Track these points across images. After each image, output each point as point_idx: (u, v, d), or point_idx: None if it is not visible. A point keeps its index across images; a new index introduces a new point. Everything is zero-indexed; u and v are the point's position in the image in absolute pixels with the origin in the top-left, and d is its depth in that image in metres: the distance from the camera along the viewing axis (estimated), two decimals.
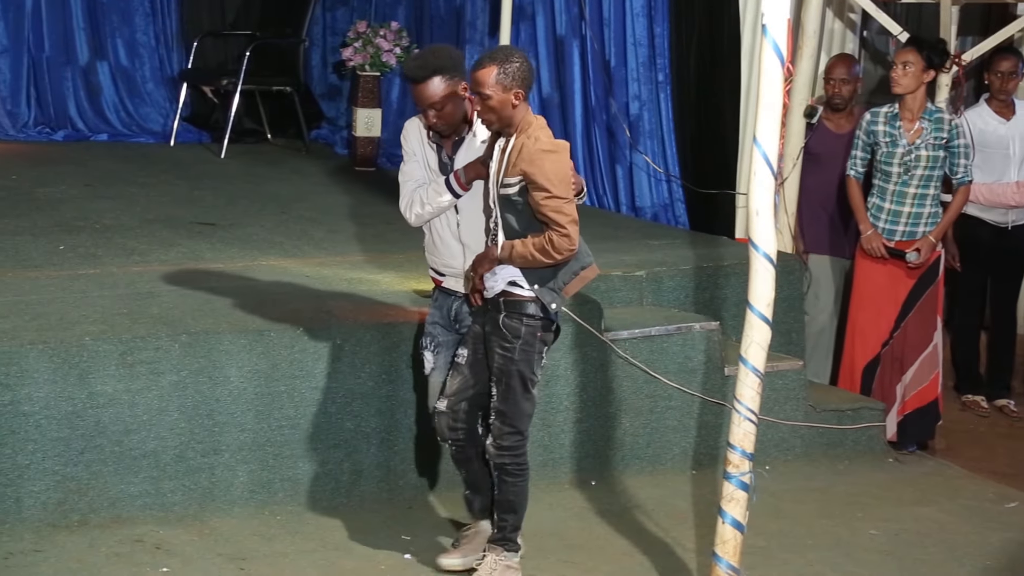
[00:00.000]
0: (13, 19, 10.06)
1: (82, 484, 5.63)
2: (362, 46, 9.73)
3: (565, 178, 4.98)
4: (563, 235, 4.95)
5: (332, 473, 6.09)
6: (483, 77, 4.94)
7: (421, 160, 5.37)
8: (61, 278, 6.54)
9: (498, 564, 5.28)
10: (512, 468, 5.23)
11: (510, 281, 5.08)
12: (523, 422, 5.21)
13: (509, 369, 5.13)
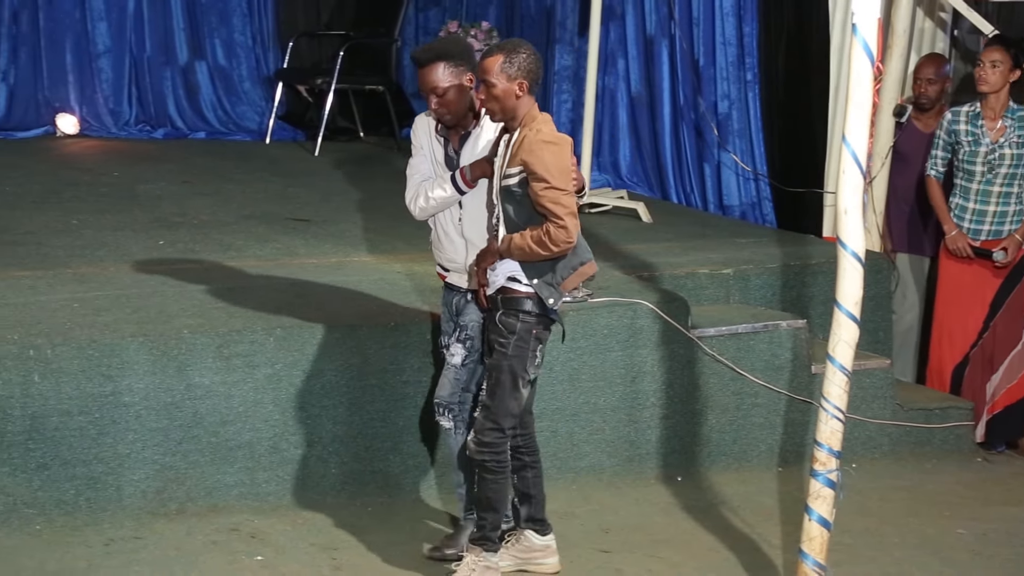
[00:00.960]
0: (116, 21, 10.19)
1: (180, 473, 5.70)
2: None
3: (565, 170, 4.88)
4: (560, 227, 4.83)
5: (421, 466, 6.12)
6: (489, 65, 4.88)
7: (428, 154, 5.30)
8: (160, 272, 6.61)
9: (477, 565, 5.14)
10: (492, 465, 5.08)
11: (509, 276, 4.99)
12: (507, 420, 5.05)
13: (501, 364, 5.02)
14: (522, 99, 4.91)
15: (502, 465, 5.10)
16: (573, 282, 5.07)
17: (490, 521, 5.16)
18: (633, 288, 6.76)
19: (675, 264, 7.26)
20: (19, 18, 9.91)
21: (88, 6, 10.08)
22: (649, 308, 6.48)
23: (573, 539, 5.76)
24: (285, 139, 10.44)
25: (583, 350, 6.36)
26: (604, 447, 6.45)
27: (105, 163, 9.31)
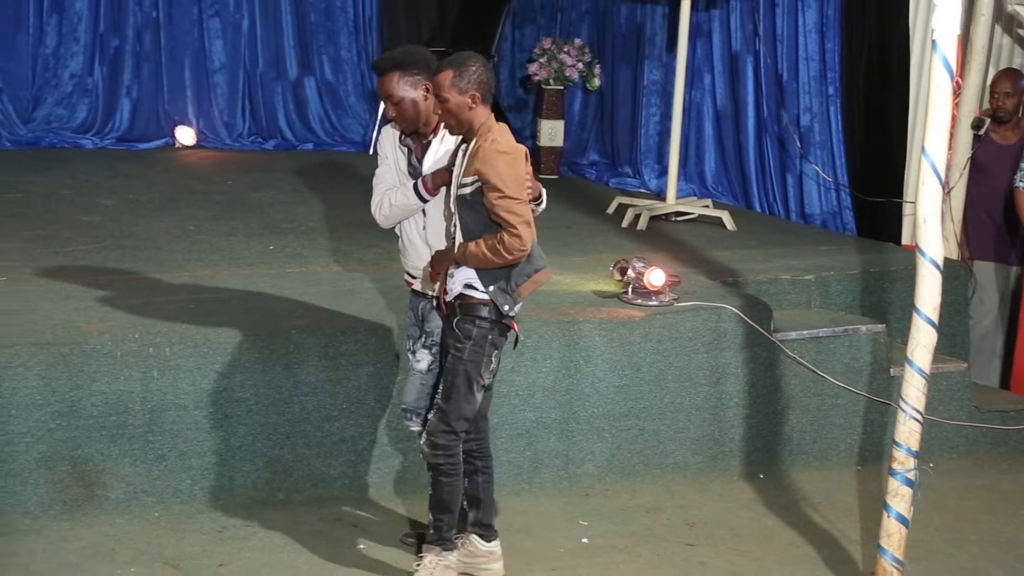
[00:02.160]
0: (231, 39, 10.31)
1: (287, 466, 5.74)
2: (547, 61, 9.75)
3: (518, 180, 4.76)
4: (514, 235, 4.71)
5: (514, 461, 6.11)
6: (440, 80, 4.79)
7: (393, 164, 5.21)
8: (271, 276, 6.67)
9: (438, 565, 5.05)
10: (446, 468, 4.94)
11: (466, 283, 4.86)
12: (459, 423, 4.91)
13: (456, 368, 4.88)
14: (475, 110, 4.78)
15: (455, 467, 4.97)
16: (527, 289, 4.89)
17: (446, 522, 5.04)
18: (717, 293, 6.71)
19: (758, 270, 7.20)
20: (142, 37, 10.06)
21: (206, 26, 10.21)
22: (733, 312, 6.43)
23: (659, 533, 5.73)
24: None
25: (669, 352, 6.32)
26: (689, 445, 6.40)
27: (220, 172, 9.41)
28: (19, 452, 5.34)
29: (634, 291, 6.51)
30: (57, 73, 9.82)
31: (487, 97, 4.82)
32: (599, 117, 10.16)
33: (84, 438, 5.41)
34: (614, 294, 6.59)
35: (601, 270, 6.89)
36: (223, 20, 10.25)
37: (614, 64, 9.92)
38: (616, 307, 6.43)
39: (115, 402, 5.46)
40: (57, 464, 5.40)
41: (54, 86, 9.80)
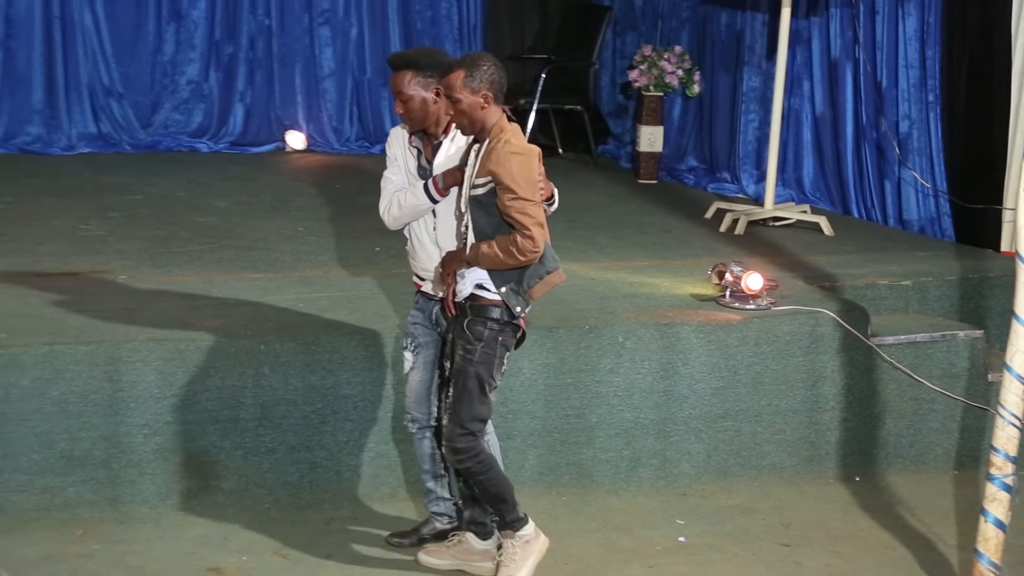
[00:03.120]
0: (340, 46, 10.42)
1: (392, 461, 5.79)
2: (647, 68, 9.73)
3: (531, 181, 4.68)
4: (527, 236, 4.63)
5: (612, 460, 6.11)
6: (452, 80, 4.72)
7: (402, 165, 5.14)
8: (377, 276, 6.73)
9: (515, 546, 4.97)
10: (475, 467, 4.83)
11: (477, 284, 4.76)
12: (475, 424, 4.80)
13: (467, 370, 4.77)
14: (488, 110, 4.71)
15: (484, 464, 4.85)
16: (540, 291, 4.80)
17: (505, 510, 4.94)
18: (815, 297, 6.66)
19: (855, 275, 7.13)
20: (255, 45, 10.20)
21: (316, 33, 10.33)
22: (830, 316, 6.38)
23: (755, 533, 5.70)
24: None
25: (766, 355, 6.29)
26: (785, 447, 6.36)
27: (328, 176, 9.51)
28: (137, 443, 5.45)
29: (732, 295, 6.48)
30: (174, 79, 10.00)
31: (499, 97, 4.75)
32: (698, 123, 10.11)
33: (199, 431, 5.51)
34: (712, 297, 6.57)
35: (699, 273, 6.87)
36: (333, 28, 10.36)
37: (713, 71, 9.87)
38: (714, 310, 6.41)
39: (228, 397, 5.56)
40: (173, 455, 5.50)
41: (171, 92, 9.97)
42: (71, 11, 9.61)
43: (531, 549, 4.98)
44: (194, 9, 10.01)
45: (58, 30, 9.60)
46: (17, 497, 5.30)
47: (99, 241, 7.17)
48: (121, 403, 5.42)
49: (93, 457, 5.40)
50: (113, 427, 5.42)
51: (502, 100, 4.77)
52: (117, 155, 9.45)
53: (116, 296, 6.11)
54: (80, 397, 5.37)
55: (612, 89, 10.86)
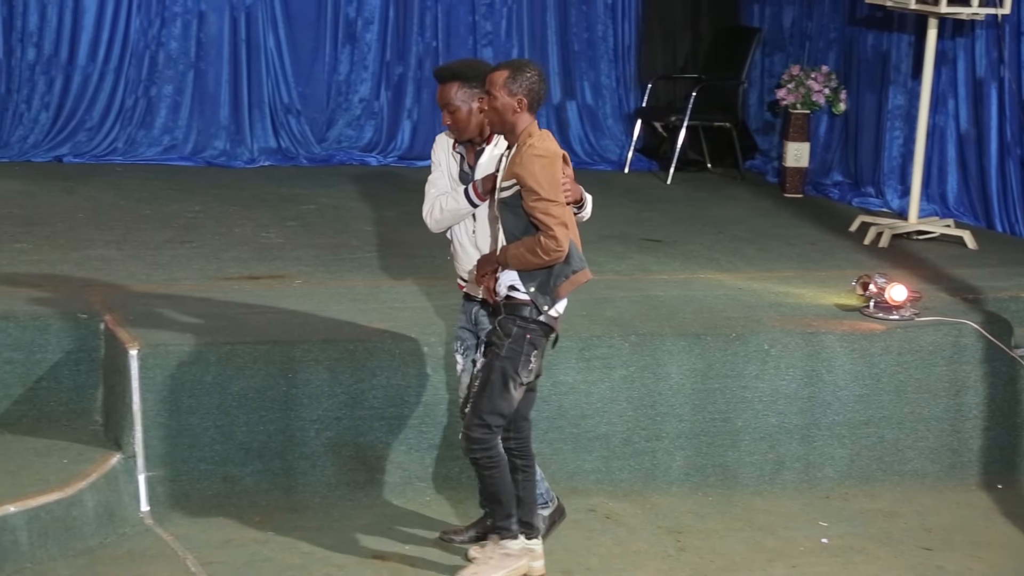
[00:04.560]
0: None
1: (545, 458, 5.76)
2: (795, 87, 9.59)
3: (554, 182, 4.57)
4: (551, 236, 4.53)
5: (757, 462, 6.03)
6: (495, 78, 4.63)
7: (445, 170, 5.02)
8: None
9: (495, 552, 4.85)
10: (484, 461, 4.73)
11: (509, 285, 4.68)
12: (494, 418, 4.69)
13: (493, 364, 4.69)
14: (520, 115, 4.63)
15: (494, 460, 4.74)
16: (566, 290, 4.70)
17: (498, 512, 4.83)
18: (958, 309, 6.48)
19: (999, 288, 6.91)
20: (423, 65, 10.29)
21: (479, 54, 10.37)
22: (973, 328, 6.20)
23: (897, 536, 5.57)
24: (641, 169, 10.48)
25: (909, 364, 6.13)
26: (927, 454, 6.19)
27: None
28: (310, 437, 5.53)
29: (876, 305, 6.35)
30: (348, 98, 10.14)
31: (534, 105, 4.66)
32: (843, 139, 9.92)
33: (366, 427, 5.57)
34: (856, 308, 6.44)
35: (843, 285, 6.73)
36: (495, 49, 10.41)
37: (859, 89, 9.68)
38: (858, 320, 6.28)
39: (393, 395, 5.60)
40: (342, 449, 5.57)
41: (345, 109, 10.12)
42: (256, 35, 9.82)
43: (509, 563, 4.85)
44: (367, 32, 10.14)
45: (244, 52, 9.81)
46: (201, 485, 5.41)
47: (277, 248, 7.30)
48: (295, 399, 5.51)
49: (269, 449, 5.49)
50: (287, 421, 5.51)
51: (536, 110, 4.69)
52: (294, 168, 9.61)
53: (292, 299, 6.22)
54: (258, 393, 5.47)
55: (760, 107, 10.72)
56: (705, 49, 10.82)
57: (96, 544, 4.99)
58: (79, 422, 5.56)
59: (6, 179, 8.56)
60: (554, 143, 4.69)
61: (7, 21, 9.26)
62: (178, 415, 5.37)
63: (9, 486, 4.91)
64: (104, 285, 6.23)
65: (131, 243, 7.16)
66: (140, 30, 9.58)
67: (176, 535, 5.12)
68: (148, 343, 5.39)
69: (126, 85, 9.57)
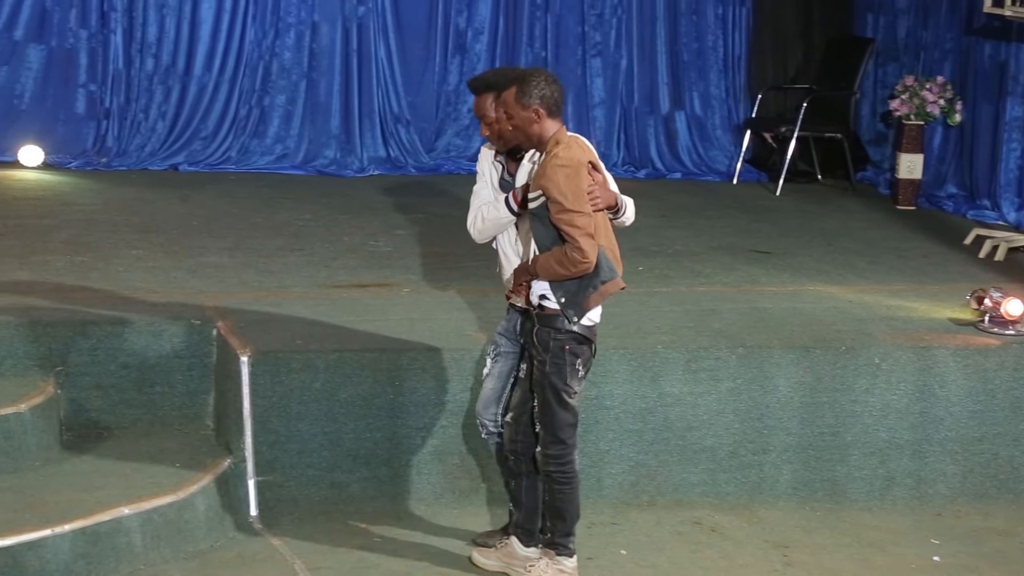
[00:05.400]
0: (610, 77, 10.45)
1: (651, 470, 5.75)
2: (908, 98, 9.44)
3: (578, 192, 4.48)
4: (576, 248, 4.48)
5: (867, 478, 5.93)
6: (506, 98, 4.59)
7: (488, 180, 4.97)
8: (639, 295, 6.70)
9: (550, 567, 4.80)
10: (557, 476, 4.72)
11: (541, 295, 4.64)
12: (564, 431, 4.68)
13: (542, 381, 4.67)
14: (541, 123, 4.58)
15: (567, 475, 4.73)
16: (595, 301, 4.64)
17: (559, 528, 4.81)
18: None
19: None
20: None
21: (588, 65, 10.40)
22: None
23: (1012, 556, 5.46)
24: (750, 180, 10.39)
25: None
26: None
27: None
28: (416, 445, 5.57)
29: (991, 320, 6.22)
30: (457, 107, 10.20)
31: (554, 110, 4.60)
32: (958, 151, 9.74)
33: (470, 435, 5.58)
34: (970, 322, 6.31)
35: (957, 298, 6.61)
36: (604, 59, 10.41)
37: (975, 100, 9.49)
38: (972, 335, 6.15)
39: None
40: (448, 457, 5.60)
41: (454, 119, 10.18)
42: (367, 45, 9.93)
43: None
44: (477, 43, 10.21)
45: (355, 62, 9.93)
46: (309, 490, 5.47)
47: (385, 256, 7.37)
48: (401, 407, 5.54)
49: (376, 456, 5.53)
50: (394, 429, 5.55)
51: (558, 113, 4.64)
52: (403, 177, 9.70)
53: (399, 308, 6.26)
54: (365, 400, 5.51)
55: (872, 118, 10.57)
56: (817, 59, 10.71)
57: (207, 547, 5.07)
58: (191, 426, 5.66)
59: (124, 187, 8.76)
60: (580, 150, 4.63)
61: (127, 32, 9.49)
62: (287, 421, 5.44)
63: (124, 488, 5.01)
64: (217, 291, 6.34)
65: (243, 250, 7.28)
66: (254, 41, 9.74)
67: (284, 540, 5.18)
68: (259, 349, 5.46)
69: (240, 95, 9.75)
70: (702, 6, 10.53)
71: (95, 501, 4.87)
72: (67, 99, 9.47)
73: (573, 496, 4.79)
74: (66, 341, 5.57)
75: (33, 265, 6.61)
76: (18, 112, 9.37)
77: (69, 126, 9.46)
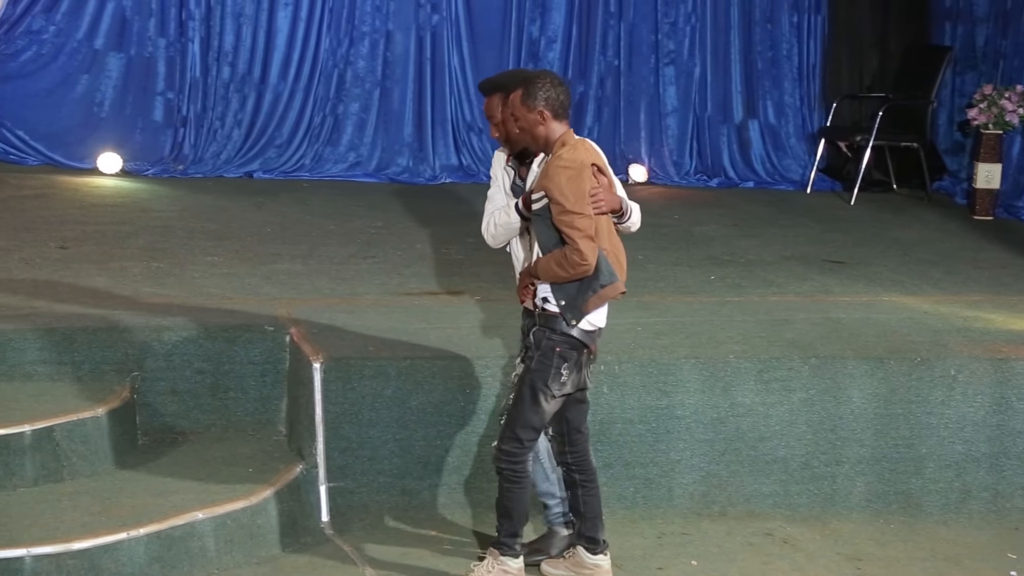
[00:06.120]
0: (683, 86, 10.43)
1: (722, 481, 5.71)
2: (987, 107, 9.32)
3: (580, 194, 4.45)
4: (575, 250, 4.44)
5: (942, 491, 5.85)
6: (512, 100, 4.57)
7: (501, 184, 4.90)
8: (711, 304, 6.67)
9: (494, 567, 4.73)
10: (508, 474, 4.67)
11: (543, 297, 4.60)
12: (526, 432, 4.62)
13: (524, 377, 4.64)
14: (547, 125, 4.56)
15: (517, 475, 4.68)
16: (594, 304, 4.58)
17: (505, 528, 4.76)
18: None
19: None
20: (604, 83, 10.33)
21: (661, 73, 10.38)
22: None
23: None
24: (824, 189, 10.32)
25: None
26: None
27: (667, 207, 9.51)
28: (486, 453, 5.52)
29: None
30: None
31: (559, 113, 4.58)
32: None
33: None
34: None
35: None
36: (677, 68, 10.38)
37: None
38: None
39: None
40: None
41: None
42: (441, 54, 9.98)
43: None
44: (550, 51, 10.22)
45: (428, 71, 9.99)
46: (380, 497, 5.49)
47: (456, 264, 7.39)
48: (472, 415, 5.55)
49: (447, 463, 5.54)
50: (465, 436, 5.55)
51: (565, 116, 4.62)
52: (475, 185, 9.72)
53: (470, 315, 6.27)
54: (436, 408, 5.53)
55: (949, 127, 10.45)
56: (893, 68, 10.62)
57: (278, 552, 5.10)
58: (264, 432, 5.71)
59: (199, 194, 8.87)
60: (585, 152, 4.61)
61: (204, 41, 9.61)
62: (359, 428, 5.46)
63: (198, 493, 5.06)
64: (290, 298, 6.39)
65: (316, 257, 7.33)
66: (329, 49, 9.83)
67: (355, 546, 5.20)
68: (331, 356, 5.50)
69: (314, 103, 9.84)
70: (777, 14, 10.48)
71: (170, 505, 4.92)
72: (145, 107, 9.62)
73: (522, 496, 4.75)
74: (142, 346, 5.64)
75: (111, 271, 6.70)
76: (98, 120, 9.52)
77: (147, 134, 9.60)
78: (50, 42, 9.43)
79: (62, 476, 5.11)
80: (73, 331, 5.62)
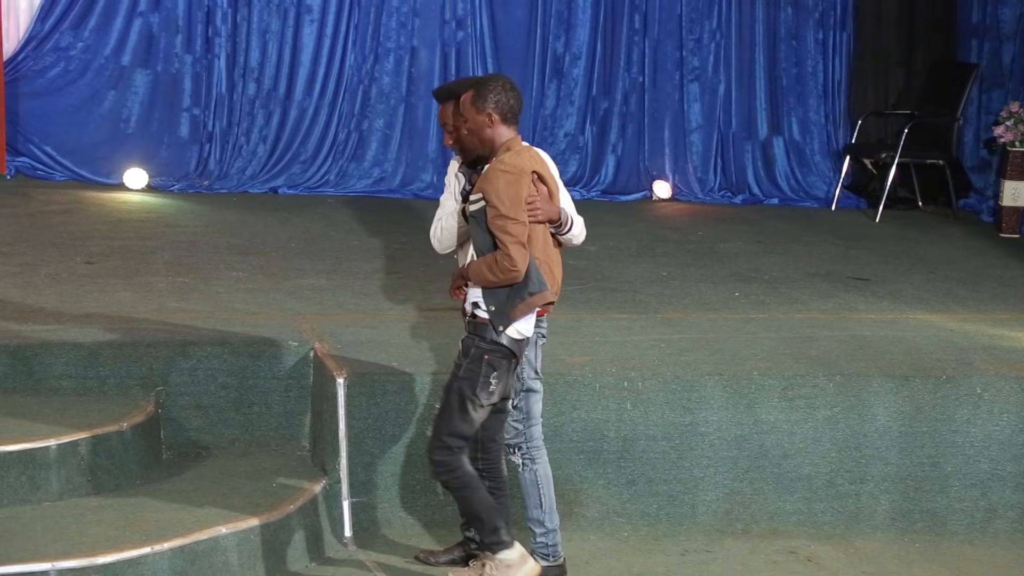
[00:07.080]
0: (708, 102, 10.43)
1: (746, 498, 5.70)
2: (1014, 124, 9.30)
3: (516, 199, 4.43)
4: (505, 255, 4.42)
5: (967, 510, 5.83)
6: (462, 101, 4.56)
7: (452, 191, 4.88)
8: (735, 321, 6.67)
9: (495, 569, 4.67)
10: (452, 482, 4.62)
11: (473, 302, 4.58)
12: (455, 440, 4.57)
13: (451, 385, 4.60)
14: (494, 129, 4.54)
15: (462, 479, 4.61)
16: (521, 312, 4.54)
17: (483, 528, 4.69)
18: None
19: None
20: (629, 100, 10.34)
21: (686, 89, 10.38)
22: None
23: None
24: (849, 206, 10.29)
25: None
26: None
27: (691, 224, 9.51)
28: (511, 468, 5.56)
29: None
30: (553, 132, 10.24)
31: (508, 118, 4.57)
32: None
33: (564, 460, 5.58)
34: None
35: None
36: (702, 84, 10.39)
37: None
38: None
39: (592, 429, 5.61)
40: None
41: (550, 144, 10.20)
42: (465, 70, 9.99)
43: (512, 574, 4.70)
44: (575, 68, 10.24)
45: None
46: (403, 513, 5.48)
47: None
48: None
49: None
50: None
51: (513, 121, 4.61)
52: None
53: None
54: None
55: (976, 144, 10.42)
56: (919, 85, 10.59)
57: (302, 568, 5.12)
58: (288, 447, 5.73)
59: (224, 209, 8.91)
60: (529, 159, 4.60)
61: (231, 57, 9.66)
62: (382, 443, 5.48)
63: (221, 508, 5.08)
64: (314, 313, 6.41)
65: (340, 273, 7.36)
66: (354, 66, 9.87)
67: (378, 562, 5.21)
68: (355, 371, 5.52)
69: (339, 119, 9.88)
70: (802, 31, 10.48)
71: (193, 520, 4.94)
72: (171, 123, 9.68)
73: (477, 494, 4.68)
74: (167, 361, 5.67)
75: (136, 286, 6.74)
76: (124, 136, 9.58)
77: (173, 149, 9.65)
78: (77, 59, 9.49)
79: (87, 490, 5.14)
80: (99, 346, 5.66)
